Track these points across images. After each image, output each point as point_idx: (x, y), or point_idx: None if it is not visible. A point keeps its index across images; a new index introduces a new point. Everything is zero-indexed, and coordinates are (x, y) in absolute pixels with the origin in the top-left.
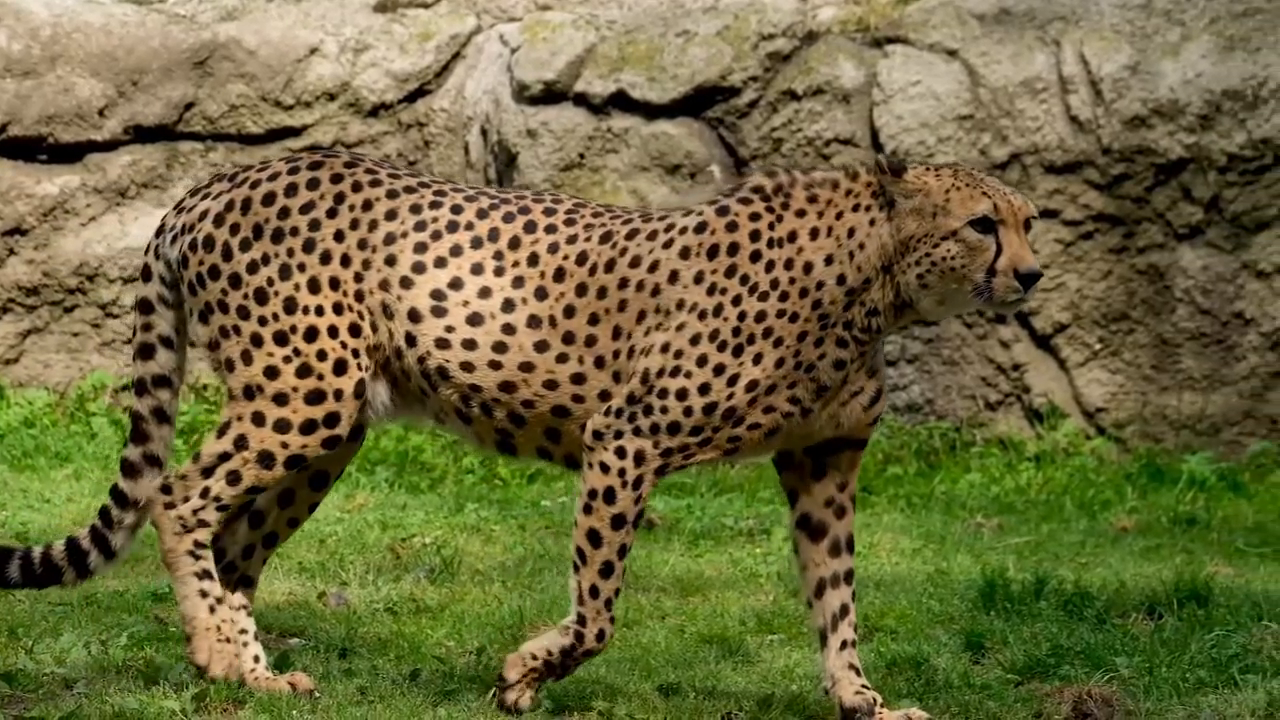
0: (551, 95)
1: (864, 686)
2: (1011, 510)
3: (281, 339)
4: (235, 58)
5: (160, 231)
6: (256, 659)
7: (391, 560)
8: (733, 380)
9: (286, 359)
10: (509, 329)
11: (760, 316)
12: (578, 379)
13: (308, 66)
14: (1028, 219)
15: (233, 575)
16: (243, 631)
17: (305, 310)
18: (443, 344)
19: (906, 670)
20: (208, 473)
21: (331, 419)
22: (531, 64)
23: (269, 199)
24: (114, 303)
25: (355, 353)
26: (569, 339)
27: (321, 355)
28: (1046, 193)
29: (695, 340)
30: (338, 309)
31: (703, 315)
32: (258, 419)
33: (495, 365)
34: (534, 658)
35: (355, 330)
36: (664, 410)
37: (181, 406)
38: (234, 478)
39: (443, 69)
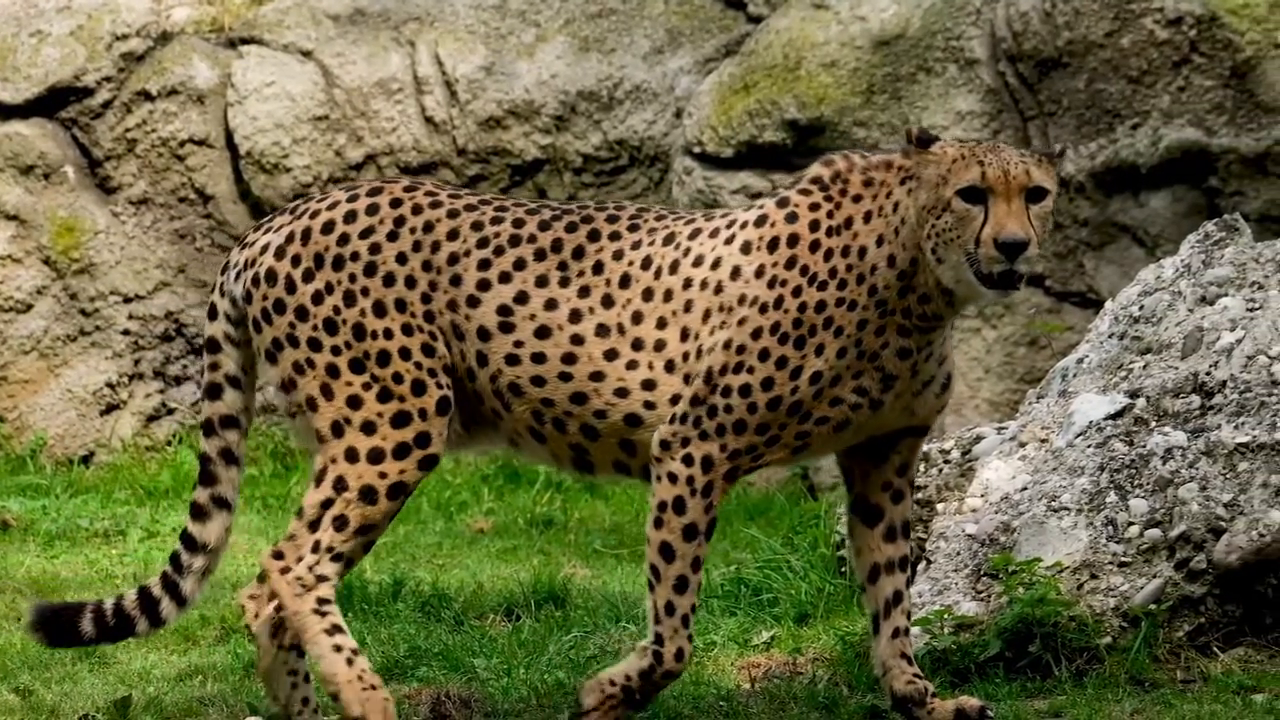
0: None
1: (916, 675)
2: None
3: (358, 366)
4: None
5: (225, 268)
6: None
7: None
8: (796, 373)
9: (366, 385)
10: (577, 339)
11: (820, 306)
12: (648, 385)
13: None
14: (1026, 188)
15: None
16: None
17: (374, 335)
18: (513, 360)
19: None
20: (314, 526)
21: (422, 439)
22: None
23: (328, 227)
24: None
25: (431, 372)
26: (638, 345)
27: (398, 378)
28: None
29: (757, 334)
30: (406, 330)
31: (764, 309)
32: (351, 455)
33: (565, 377)
34: (612, 684)
35: (428, 350)
36: (728, 409)
37: None
38: (341, 522)
39: None
